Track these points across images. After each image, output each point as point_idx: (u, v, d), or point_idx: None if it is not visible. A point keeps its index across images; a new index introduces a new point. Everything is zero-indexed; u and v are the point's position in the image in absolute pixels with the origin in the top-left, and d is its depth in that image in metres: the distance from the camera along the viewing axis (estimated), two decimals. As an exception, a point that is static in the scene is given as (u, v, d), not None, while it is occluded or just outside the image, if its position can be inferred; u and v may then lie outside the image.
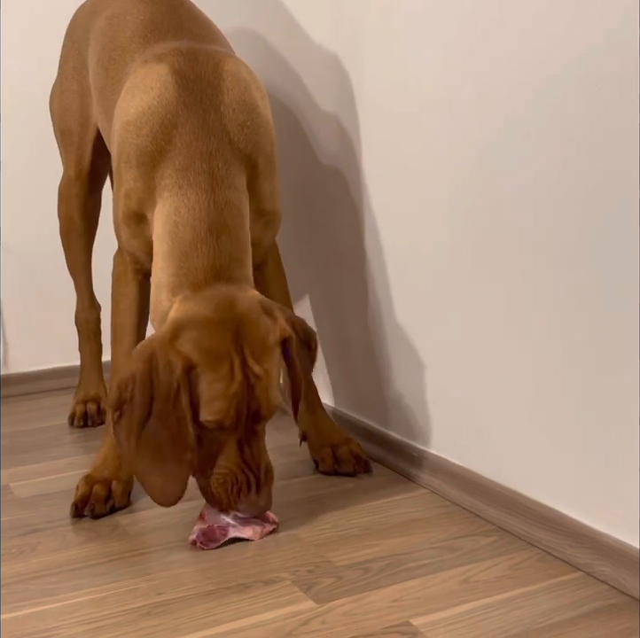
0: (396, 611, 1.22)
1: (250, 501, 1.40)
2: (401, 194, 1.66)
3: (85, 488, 1.57)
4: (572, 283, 1.29)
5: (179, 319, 1.37)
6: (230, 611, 1.23)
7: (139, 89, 1.52)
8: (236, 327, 1.36)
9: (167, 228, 1.43)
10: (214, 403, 1.34)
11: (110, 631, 1.20)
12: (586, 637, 1.14)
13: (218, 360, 1.34)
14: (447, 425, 1.61)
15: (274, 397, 1.39)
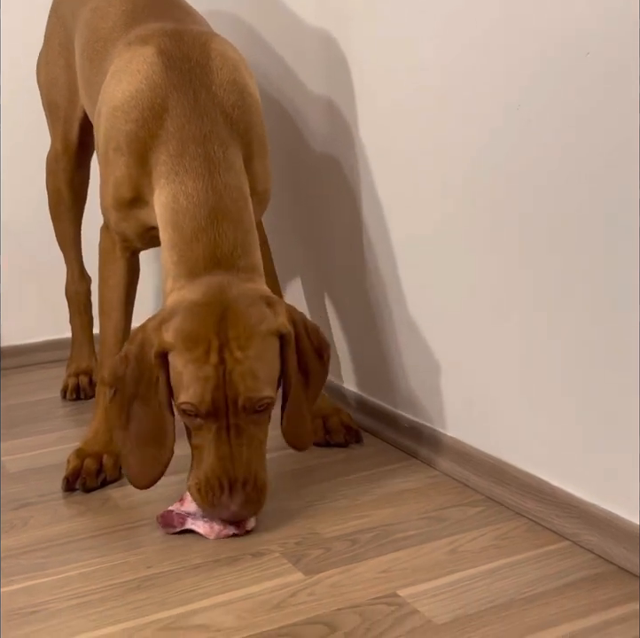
0: (383, 582, 1.23)
1: (221, 503, 1.31)
2: (395, 177, 1.64)
3: (76, 462, 1.58)
4: (571, 268, 1.28)
5: (171, 305, 1.36)
6: (219, 584, 1.24)
7: (125, 72, 1.49)
8: (222, 311, 1.31)
9: (167, 217, 1.41)
10: (189, 386, 1.30)
11: (99, 605, 1.20)
12: (571, 606, 1.15)
13: (195, 341, 1.30)
14: (437, 396, 1.61)
15: (254, 387, 1.31)
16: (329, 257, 1.89)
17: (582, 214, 1.23)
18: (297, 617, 1.15)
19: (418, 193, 1.57)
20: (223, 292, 1.33)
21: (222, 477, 1.31)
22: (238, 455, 1.32)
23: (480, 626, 1.12)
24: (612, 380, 1.22)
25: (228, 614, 1.17)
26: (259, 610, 1.17)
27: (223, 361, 1.29)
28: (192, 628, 1.14)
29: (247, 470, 1.32)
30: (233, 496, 1.31)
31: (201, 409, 1.31)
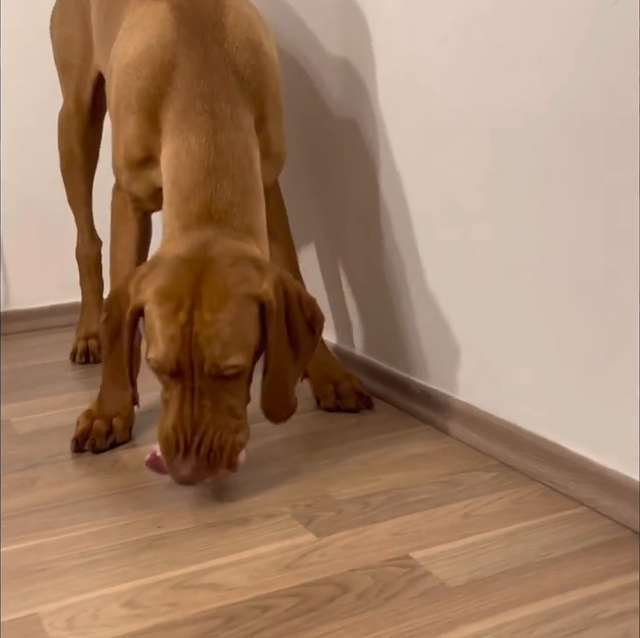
0: (396, 545, 1.21)
1: (172, 465, 1.27)
2: (414, 142, 1.60)
3: (86, 423, 1.56)
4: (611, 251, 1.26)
5: (153, 259, 1.34)
6: (230, 544, 1.23)
7: (138, 27, 1.47)
8: (201, 268, 1.27)
9: (169, 173, 1.39)
10: (156, 343, 1.27)
11: (108, 563, 1.19)
12: (588, 571, 1.13)
13: (167, 297, 1.26)
14: (450, 362, 1.58)
15: (221, 353, 1.25)
16: (344, 223, 1.86)
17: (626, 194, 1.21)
18: (308, 577, 1.14)
19: (439, 160, 1.54)
20: (206, 249, 1.29)
21: (179, 437, 1.27)
22: (197, 417, 1.27)
23: (496, 588, 1.10)
24: (629, 344, 1.20)
25: (239, 573, 1.15)
26: (270, 570, 1.16)
27: (192, 322, 1.25)
28: (203, 587, 1.13)
29: (204, 434, 1.27)
30: (185, 459, 1.27)
31: (166, 368, 1.27)
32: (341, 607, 1.07)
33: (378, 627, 1.03)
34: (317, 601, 1.09)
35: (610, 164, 1.20)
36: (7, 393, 1.87)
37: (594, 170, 1.22)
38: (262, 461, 1.49)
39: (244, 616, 1.06)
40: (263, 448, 1.53)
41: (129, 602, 1.10)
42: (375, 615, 1.06)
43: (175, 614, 1.07)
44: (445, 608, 1.06)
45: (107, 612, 1.08)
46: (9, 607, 1.10)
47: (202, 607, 1.08)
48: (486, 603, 1.07)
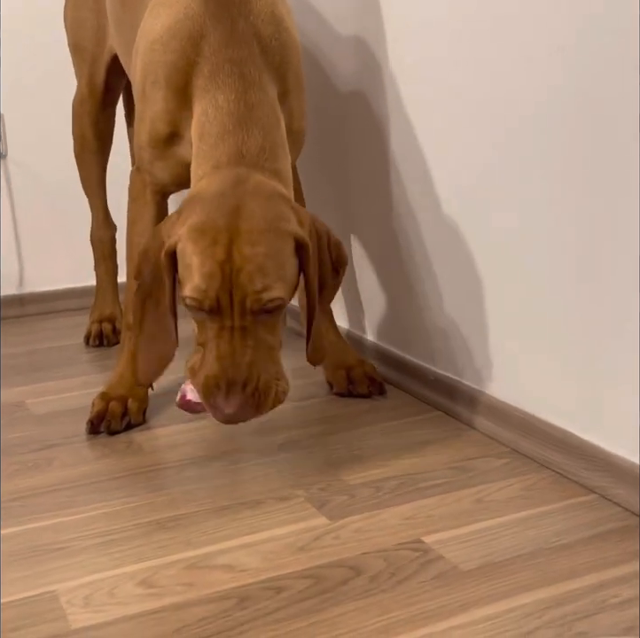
0: (408, 529, 1.22)
1: (216, 404, 1.23)
2: (424, 118, 1.61)
3: (101, 405, 1.58)
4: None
5: (187, 198, 1.32)
6: (244, 526, 1.24)
7: (164, 5, 1.46)
8: (236, 203, 1.25)
9: (196, 131, 1.37)
10: (193, 280, 1.23)
11: (124, 543, 1.21)
12: (599, 557, 1.14)
13: (203, 233, 1.23)
14: (462, 349, 1.59)
15: (263, 287, 1.22)
16: (357, 199, 1.87)
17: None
18: (322, 559, 1.15)
19: (450, 135, 1.54)
20: (241, 184, 1.28)
21: (220, 378, 1.23)
22: (240, 357, 1.23)
23: (508, 573, 1.11)
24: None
25: (252, 555, 1.17)
26: (283, 552, 1.17)
27: (231, 258, 1.22)
28: (217, 568, 1.14)
29: (249, 373, 1.23)
30: (229, 399, 1.22)
31: (204, 305, 1.23)
32: (354, 589, 1.08)
33: (390, 610, 1.04)
34: (331, 583, 1.10)
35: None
36: (22, 375, 1.89)
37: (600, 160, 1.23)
38: (276, 445, 1.50)
39: (257, 597, 1.07)
40: (276, 432, 1.54)
41: (144, 581, 1.11)
42: (387, 597, 1.07)
43: (189, 594, 1.08)
44: (457, 591, 1.07)
45: (123, 591, 1.09)
46: (26, 584, 1.11)
47: (216, 587, 1.10)
48: (497, 587, 1.08)
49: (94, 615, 1.05)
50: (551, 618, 1.02)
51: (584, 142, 1.26)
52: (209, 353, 1.25)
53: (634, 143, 1.17)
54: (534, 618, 1.02)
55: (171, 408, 1.65)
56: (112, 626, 1.03)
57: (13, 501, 1.33)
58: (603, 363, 1.29)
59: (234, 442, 1.52)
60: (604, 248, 1.25)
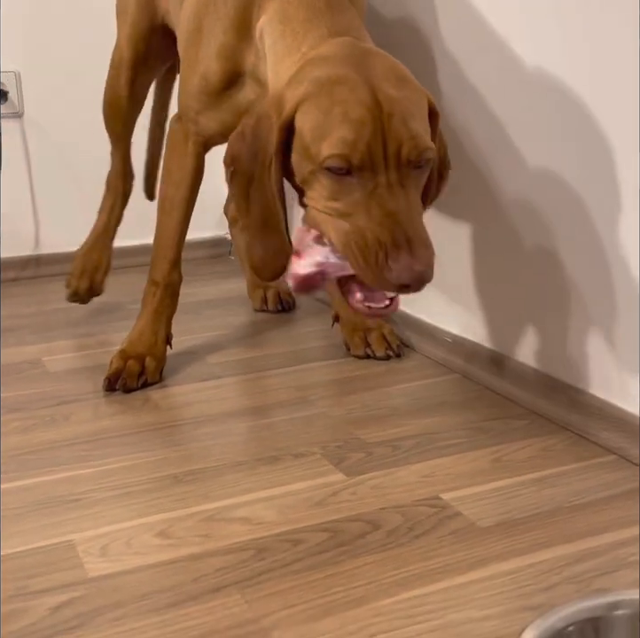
0: (426, 486, 1.22)
1: (402, 264, 1.06)
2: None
3: (119, 363, 1.57)
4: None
5: (294, 72, 1.16)
6: (261, 481, 1.24)
7: None
8: (365, 57, 1.12)
9: (275, 23, 1.25)
10: (336, 133, 1.07)
11: (141, 496, 1.21)
12: (618, 516, 1.13)
13: (337, 83, 1.09)
14: (481, 310, 1.58)
15: (417, 132, 1.08)
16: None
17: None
18: (339, 514, 1.15)
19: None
20: (359, 47, 1.15)
21: (399, 234, 1.06)
22: (409, 214, 1.08)
23: (526, 530, 1.10)
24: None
25: (269, 509, 1.16)
26: (300, 507, 1.17)
27: (378, 102, 1.07)
28: (234, 520, 1.14)
29: (424, 231, 1.09)
30: (416, 255, 1.06)
31: (354, 160, 1.07)
32: (371, 543, 1.08)
33: (407, 563, 1.04)
34: (348, 536, 1.09)
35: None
36: (38, 334, 1.89)
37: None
38: (292, 403, 1.50)
39: (274, 549, 1.07)
40: (294, 391, 1.54)
41: (162, 532, 1.11)
42: (404, 551, 1.06)
43: (206, 545, 1.08)
44: (475, 547, 1.07)
45: (140, 541, 1.09)
46: (43, 534, 1.11)
47: (233, 539, 1.09)
48: (516, 544, 1.07)
49: (111, 564, 1.05)
50: (571, 575, 1.01)
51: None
52: (365, 216, 1.08)
53: None
54: (554, 574, 1.01)
55: (187, 367, 1.65)
56: (129, 574, 1.03)
57: (30, 454, 1.33)
58: (621, 326, 1.27)
59: (250, 401, 1.52)
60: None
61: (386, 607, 0.96)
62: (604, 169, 1.26)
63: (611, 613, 0.80)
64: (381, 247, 1.07)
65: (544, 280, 1.41)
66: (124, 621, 0.94)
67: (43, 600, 0.98)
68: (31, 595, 0.99)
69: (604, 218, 1.27)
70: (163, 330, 1.60)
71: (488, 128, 1.48)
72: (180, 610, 0.96)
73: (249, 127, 1.19)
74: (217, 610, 0.96)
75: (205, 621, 0.94)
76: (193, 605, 0.97)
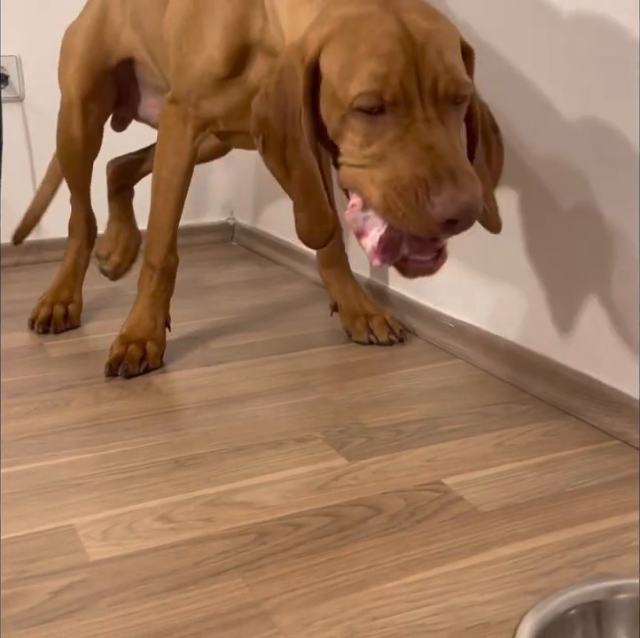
0: (429, 471, 1.21)
1: (446, 196, 0.96)
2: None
3: (120, 348, 1.56)
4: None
5: (320, 11, 1.08)
6: (262, 466, 1.23)
7: None
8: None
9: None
10: (362, 70, 1.00)
11: (142, 480, 1.20)
12: (621, 501, 1.13)
13: (365, 18, 1.02)
14: (484, 295, 1.57)
15: (453, 64, 1.01)
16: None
17: None
18: (341, 498, 1.14)
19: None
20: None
21: (441, 167, 0.97)
22: (450, 146, 1.00)
23: (528, 515, 1.10)
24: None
25: (271, 493, 1.16)
26: (302, 491, 1.16)
27: (410, 34, 1.00)
28: (236, 505, 1.13)
29: (467, 163, 1.01)
30: (462, 187, 0.97)
31: (386, 96, 1.00)
32: (373, 527, 1.08)
33: (409, 547, 1.04)
34: (350, 521, 1.09)
35: None
36: (40, 319, 1.88)
37: None
38: (294, 388, 1.49)
39: (276, 533, 1.07)
40: (296, 376, 1.54)
41: (163, 516, 1.11)
42: (406, 536, 1.06)
43: (208, 529, 1.08)
44: (477, 531, 1.07)
45: (141, 526, 1.09)
46: (44, 518, 1.11)
47: (235, 523, 1.09)
48: (518, 528, 1.07)
49: (112, 548, 1.05)
50: (573, 559, 1.01)
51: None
52: (402, 153, 1.00)
53: None
54: (556, 559, 1.01)
55: (189, 352, 1.65)
56: (130, 558, 1.03)
57: (32, 438, 1.33)
58: (627, 310, 1.26)
59: (252, 386, 1.51)
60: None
61: (387, 591, 0.96)
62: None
63: (613, 597, 0.79)
64: (420, 184, 0.98)
65: (543, 265, 1.41)
66: (125, 605, 0.94)
67: (44, 584, 0.98)
68: (32, 579, 0.99)
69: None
70: (162, 314, 1.59)
71: (510, 80, 1.46)
72: (181, 594, 0.96)
73: (272, 85, 1.10)
74: (218, 594, 0.96)
75: (206, 605, 0.94)
76: (194, 589, 0.97)
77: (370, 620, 0.91)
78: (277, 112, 1.10)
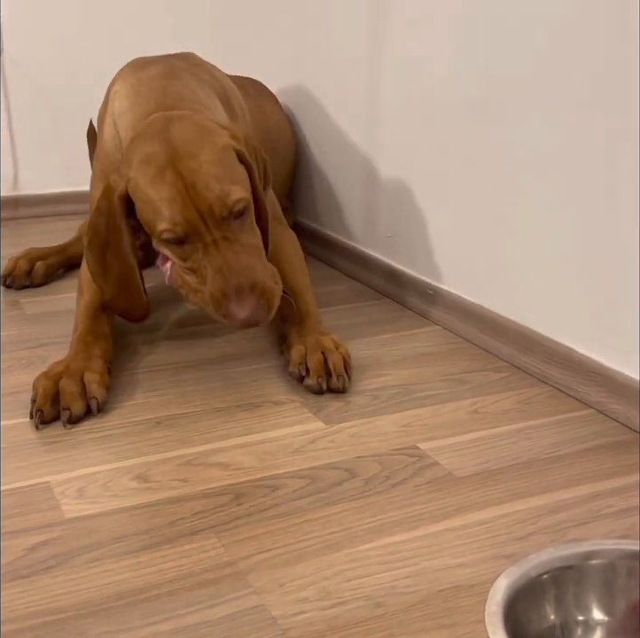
0: (404, 436, 1.22)
1: (229, 312, 1.24)
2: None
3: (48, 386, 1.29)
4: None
5: (125, 149, 1.37)
6: (239, 427, 1.24)
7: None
8: (165, 132, 1.30)
9: (121, 100, 1.47)
10: (157, 213, 1.26)
11: (119, 439, 1.20)
12: (594, 469, 1.14)
13: (147, 164, 1.27)
14: (463, 263, 1.57)
15: (222, 191, 1.25)
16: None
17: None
18: (317, 461, 1.15)
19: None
20: (168, 118, 1.33)
21: (226, 287, 1.24)
22: (235, 263, 1.25)
23: (502, 481, 1.11)
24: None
25: (248, 455, 1.16)
26: (279, 453, 1.17)
27: (180, 176, 1.25)
28: (212, 465, 1.14)
29: (251, 275, 1.25)
30: (241, 303, 1.23)
31: (178, 232, 1.26)
32: (349, 490, 1.09)
33: (384, 511, 1.04)
34: (326, 483, 1.10)
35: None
36: (16, 276, 1.86)
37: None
38: (271, 352, 1.49)
39: (253, 494, 1.07)
40: (273, 340, 1.53)
41: (140, 475, 1.11)
42: (382, 499, 1.07)
43: (184, 489, 1.08)
44: (451, 496, 1.08)
45: (118, 484, 1.09)
46: (19, 475, 1.11)
47: (211, 484, 1.09)
48: (492, 494, 1.08)
49: (88, 506, 1.05)
50: (546, 525, 1.02)
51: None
52: (205, 271, 1.26)
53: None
54: (529, 525, 1.02)
55: (166, 312, 1.64)
56: (106, 516, 1.03)
57: (8, 396, 1.32)
58: (602, 279, 1.27)
59: (230, 348, 1.51)
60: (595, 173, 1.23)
61: (361, 553, 0.97)
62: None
63: (585, 563, 0.80)
64: (217, 299, 1.25)
65: (517, 231, 1.41)
66: (100, 562, 0.94)
67: (20, 540, 0.98)
68: (7, 535, 0.99)
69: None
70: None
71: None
72: (156, 553, 0.96)
73: (101, 202, 1.34)
74: (194, 553, 0.96)
75: (181, 564, 0.94)
76: (170, 548, 0.97)
77: (345, 581, 0.92)
78: (103, 222, 1.34)
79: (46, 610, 0.87)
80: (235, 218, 1.27)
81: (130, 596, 0.89)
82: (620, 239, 1.23)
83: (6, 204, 2.30)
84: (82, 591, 0.90)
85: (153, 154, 1.28)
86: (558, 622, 0.79)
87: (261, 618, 0.86)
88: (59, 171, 2.33)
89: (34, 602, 0.88)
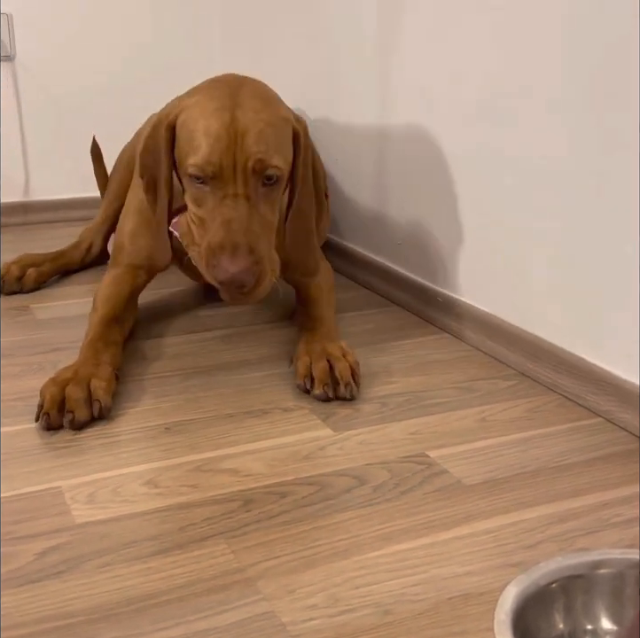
0: (413, 443, 1.22)
1: (220, 264, 1.23)
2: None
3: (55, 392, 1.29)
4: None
5: (186, 92, 1.38)
6: (249, 434, 1.24)
7: None
8: (240, 85, 1.33)
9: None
10: (197, 146, 1.27)
11: (130, 445, 1.21)
12: (602, 478, 1.14)
13: (209, 100, 1.30)
14: (473, 271, 1.58)
15: (266, 151, 1.26)
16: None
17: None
18: (326, 468, 1.16)
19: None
20: (243, 77, 1.38)
21: (226, 240, 1.24)
22: (244, 223, 1.25)
23: (510, 489, 1.11)
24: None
25: (257, 461, 1.17)
26: (288, 460, 1.17)
27: (236, 122, 1.27)
28: (222, 471, 1.14)
29: (253, 241, 1.25)
30: (234, 259, 1.23)
31: (207, 171, 1.27)
32: (358, 497, 1.09)
33: (392, 518, 1.05)
34: (334, 490, 1.10)
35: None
36: (26, 281, 1.87)
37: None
38: (282, 358, 1.50)
39: (262, 500, 1.08)
40: (284, 346, 1.54)
41: (150, 481, 1.12)
42: (390, 507, 1.07)
43: (194, 495, 1.09)
44: (460, 504, 1.08)
45: (128, 490, 1.10)
46: (30, 480, 1.11)
47: (221, 490, 1.10)
48: (500, 502, 1.08)
49: (98, 511, 1.05)
50: (554, 534, 1.02)
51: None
52: (212, 222, 1.27)
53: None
54: (537, 533, 1.02)
55: (174, 319, 1.65)
56: (116, 522, 1.03)
57: (17, 400, 1.33)
58: (613, 288, 1.27)
59: (240, 354, 1.51)
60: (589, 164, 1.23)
61: (370, 560, 0.97)
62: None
63: (593, 572, 0.81)
64: (213, 251, 1.24)
65: (528, 238, 1.41)
66: (111, 568, 0.95)
67: (30, 545, 0.98)
68: (18, 540, 0.99)
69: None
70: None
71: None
72: (166, 559, 0.97)
73: (148, 137, 1.36)
74: (203, 559, 0.96)
75: (190, 570, 0.95)
76: (179, 554, 0.97)
77: (353, 589, 0.92)
78: (151, 159, 1.36)
79: (57, 614, 0.88)
80: (264, 184, 1.28)
81: (140, 602, 0.90)
82: (636, 251, 1.23)
83: (16, 210, 2.32)
84: (93, 596, 0.90)
85: (219, 95, 1.30)
86: (567, 631, 0.79)
87: (270, 625, 0.87)
88: (70, 177, 2.34)
89: (44, 606, 0.89)
